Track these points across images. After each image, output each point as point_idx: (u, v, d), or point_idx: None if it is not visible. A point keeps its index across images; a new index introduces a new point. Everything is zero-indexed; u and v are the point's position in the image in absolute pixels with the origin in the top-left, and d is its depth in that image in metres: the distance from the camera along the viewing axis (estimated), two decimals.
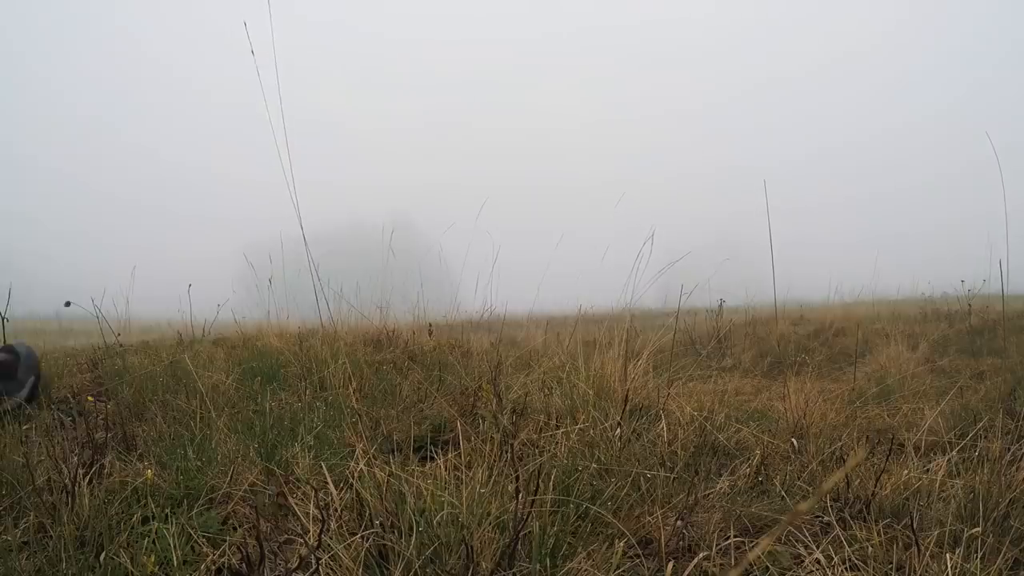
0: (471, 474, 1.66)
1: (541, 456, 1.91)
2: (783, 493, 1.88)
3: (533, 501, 1.47)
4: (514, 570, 1.45)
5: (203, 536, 1.64)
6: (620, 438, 2.06)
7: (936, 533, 1.55)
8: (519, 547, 1.46)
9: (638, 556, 1.62)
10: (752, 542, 1.65)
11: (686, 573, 1.34)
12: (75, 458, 1.85)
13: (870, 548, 1.54)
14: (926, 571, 1.44)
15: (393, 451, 2.12)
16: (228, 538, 1.66)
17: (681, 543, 1.64)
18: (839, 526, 1.64)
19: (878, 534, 1.57)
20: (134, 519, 1.65)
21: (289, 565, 1.46)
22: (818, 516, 1.76)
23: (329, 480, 1.77)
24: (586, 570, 1.45)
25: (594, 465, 1.86)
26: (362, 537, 1.49)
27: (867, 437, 2.44)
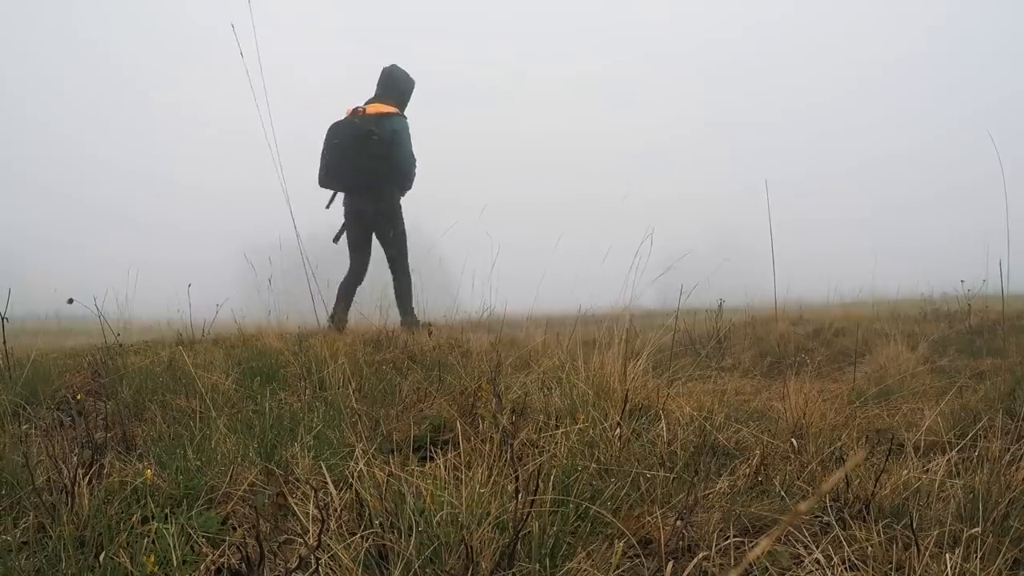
0: (471, 474, 1.66)
1: (541, 456, 1.91)
2: (783, 493, 1.88)
3: (533, 501, 1.47)
4: (514, 570, 1.45)
5: (203, 536, 1.65)
6: (620, 438, 2.06)
7: (936, 533, 1.55)
8: (519, 547, 1.46)
9: (638, 556, 1.62)
10: (752, 542, 1.66)
11: (686, 573, 1.34)
12: (75, 458, 1.85)
13: (870, 548, 1.54)
14: (926, 571, 1.44)
15: (393, 451, 2.12)
16: (228, 538, 1.66)
17: (681, 543, 1.64)
18: (839, 526, 1.64)
19: (878, 534, 1.57)
20: (134, 519, 1.66)
21: (289, 565, 1.45)
22: (818, 516, 1.76)
23: (329, 480, 1.77)
24: (586, 570, 1.45)
25: (594, 465, 1.86)
26: (362, 537, 1.49)
27: (867, 437, 2.44)
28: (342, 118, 5.37)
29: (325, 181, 5.42)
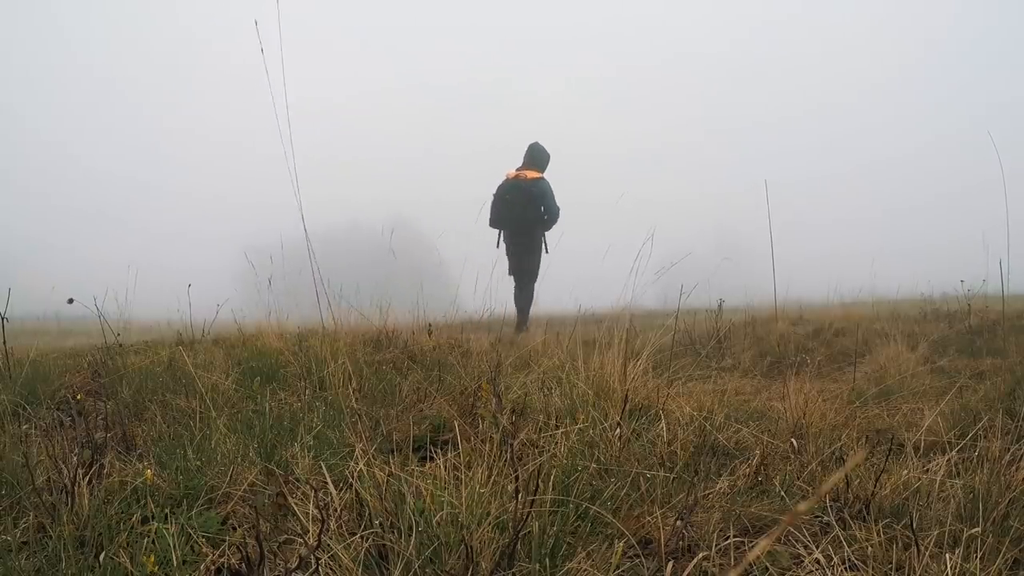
0: (471, 474, 1.66)
1: (541, 456, 1.91)
2: (783, 493, 1.88)
3: (533, 501, 1.47)
4: (514, 570, 1.45)
5: (203, 536, 1.65)
6: (620, 438, 2.06)
7: (936, 533, 1.55)
8: (519, 547, 1.46)
9: (638, 556, 1.62)
10: (752, 542, 1.66)
11: (686, 573, 1.34)
12: (75, 458, 1.85)
13: (870, 548, 1.54)
14: (926, 571, 1.44)
15: (393, 451, 2.12)
16: (228, 538, 1.66)
17: (681, 543, 1.64)
18: (839, 526, 1.64)
19: (878, 534, 1.57)
20: (134, 519, 1.66)
21: (289, 565, 1.45)
22: (818, 516, 1.76)
23: (329, 480, 1.77)
24: (586, 570, 1.45)
25: (594, 465, 1.86)
26: (362, 537, 1.49)
27: (867, 437, 2.44)
28: (506, 179, 7.63)
29: (496, 224, 7.62)
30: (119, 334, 3.67)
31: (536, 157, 7.79)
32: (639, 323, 3.55)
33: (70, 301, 3.35)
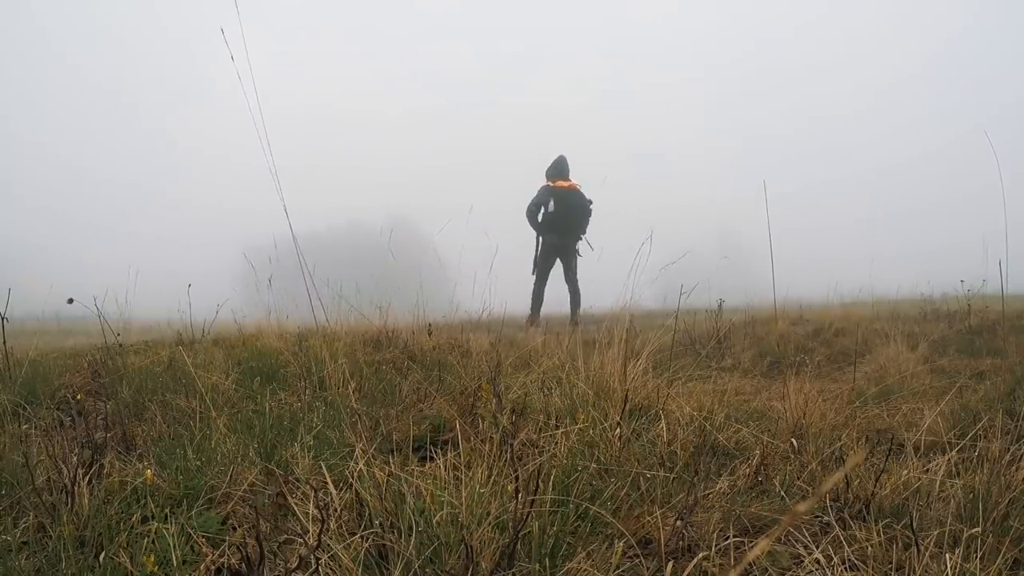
0: (471, 474, 1.66)
1: (541, 456, 1.91)
2: (783, 493, 1.88)
3: (533, 501, 1.47)
4: (514, 570, 1.45)
5: (203, 536, 1.65)
6: (620, 438, 2.06)
7: (936, 533, 1.55)
8: (519, 547, 1.46)
9: (638, 556, 1.62)
10: (752, 542, 1.66)
11: (685, 573, 1.34)
12: (75, 458, 1.85)
13: (870, 548, 1.54)
14: (926, 571, 1.44)
15: (393, 451, 2.12)
16: (228, 538, 1.66)
17: (681, 543, 1.64)
18: (839, 526, 1.64)
19: (878, 534, 1.57)
20: (134, 519, 1.66)
21: (289, 565, 1.46)
22: (818, 516, 1.76)
23: (329, 480, 1.77)
24: (586, 570, 1.45)
25: (594, 465, 1.86)
26: (362, 537, 1.49)
27: (867, 437, 2.44)
28: (558, 187, 8.34)
29: (550, 228, 8.29)
30: (119, 334, 3.67)
31: (565, 168, 8.59)
32: (639, 323, 3.55)
33: (70, 301, 3.35)
